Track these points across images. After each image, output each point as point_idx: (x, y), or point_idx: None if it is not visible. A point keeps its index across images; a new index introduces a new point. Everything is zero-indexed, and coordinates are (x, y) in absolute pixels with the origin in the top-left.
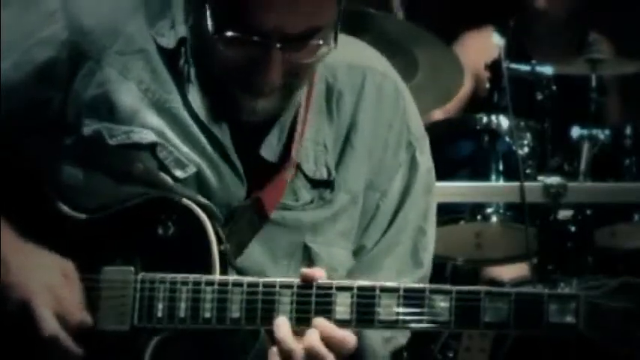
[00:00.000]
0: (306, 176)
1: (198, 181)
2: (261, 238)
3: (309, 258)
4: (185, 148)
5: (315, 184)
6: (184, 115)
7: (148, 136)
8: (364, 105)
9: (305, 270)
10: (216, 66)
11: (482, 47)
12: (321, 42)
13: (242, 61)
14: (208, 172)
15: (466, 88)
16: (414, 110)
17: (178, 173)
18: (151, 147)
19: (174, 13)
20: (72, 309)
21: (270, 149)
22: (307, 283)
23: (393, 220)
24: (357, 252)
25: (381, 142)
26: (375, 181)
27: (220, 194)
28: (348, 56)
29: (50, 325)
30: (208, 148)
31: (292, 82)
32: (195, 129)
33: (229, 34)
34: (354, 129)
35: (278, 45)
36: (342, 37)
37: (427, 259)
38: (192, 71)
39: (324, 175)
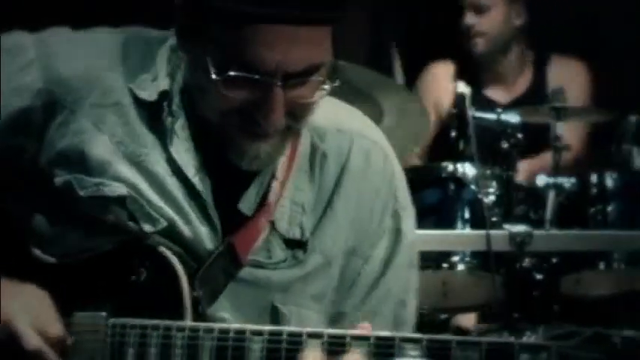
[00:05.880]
0: (280, 235)
1: (170, 234)
2: (230, 296)
3: (277, 319)
4: (158, 202)
5: (289, 243)
6: (159, 169)
7: (118, 190)
8: (350, 170)
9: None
10: (216, 112)
11: (445, 75)
12: (321, 78)
13: (244, 103)
14: (181, 226)
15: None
16: (402, 179)
17: (147, 227)
18: (121, 200)
19: (157, 66)
20: (50, 324)
21: (247, 203)
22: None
23: (373, 289)
24: (336, 318)
25: (367, 209)
26: (359, 248)
27: (193, 248)
28: (338, 121)
29: (33, 339)
30: (184, 202)
31: (293, 125)
32: (171, 182)
33: (232, 73)
34: (337, 193)
35: (280, 83)
36: (335, 102)
37: (407, 332)
38: (179, 123)
39: (297, 235)
